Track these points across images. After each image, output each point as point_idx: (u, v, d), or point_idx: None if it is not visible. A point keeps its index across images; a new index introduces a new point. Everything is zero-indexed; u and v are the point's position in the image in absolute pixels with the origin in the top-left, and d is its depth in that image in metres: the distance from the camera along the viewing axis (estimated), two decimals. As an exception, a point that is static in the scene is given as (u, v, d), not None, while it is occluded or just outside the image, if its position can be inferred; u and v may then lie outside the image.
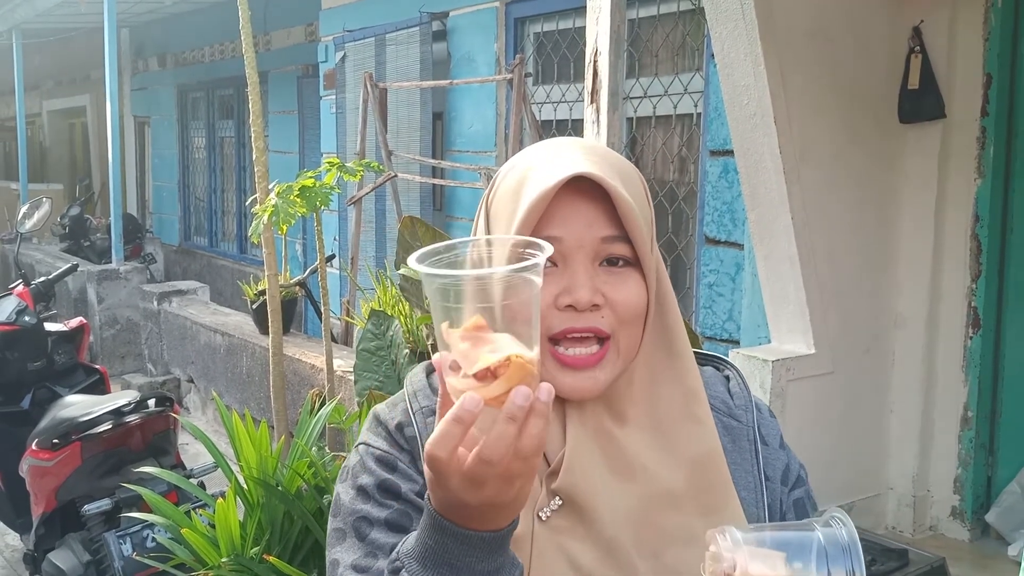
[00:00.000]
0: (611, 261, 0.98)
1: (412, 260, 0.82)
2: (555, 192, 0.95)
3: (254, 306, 5.70)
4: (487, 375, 0.78)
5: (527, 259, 0.82)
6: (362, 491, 1.01)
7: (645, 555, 0.97)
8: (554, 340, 0.97)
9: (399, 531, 0.97)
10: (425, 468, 0.83)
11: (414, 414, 1.04)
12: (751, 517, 1.03)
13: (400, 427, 1.03)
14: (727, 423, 1.07)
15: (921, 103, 3.48)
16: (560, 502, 0.97)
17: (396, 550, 0.90)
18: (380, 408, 1.08)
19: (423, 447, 0.97)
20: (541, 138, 5.08)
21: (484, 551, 0.86)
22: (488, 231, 1.01)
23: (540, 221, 0.96)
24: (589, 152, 1.00)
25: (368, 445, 1.04)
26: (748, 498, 1.04)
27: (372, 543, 0.98)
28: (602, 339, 0.97)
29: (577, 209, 0.96)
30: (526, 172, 0.99)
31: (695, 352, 1.10)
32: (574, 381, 0.97)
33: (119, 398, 3.72)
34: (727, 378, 1.12)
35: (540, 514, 0.97)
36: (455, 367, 0.80)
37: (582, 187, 0.96)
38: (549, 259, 0.94)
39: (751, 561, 0.82)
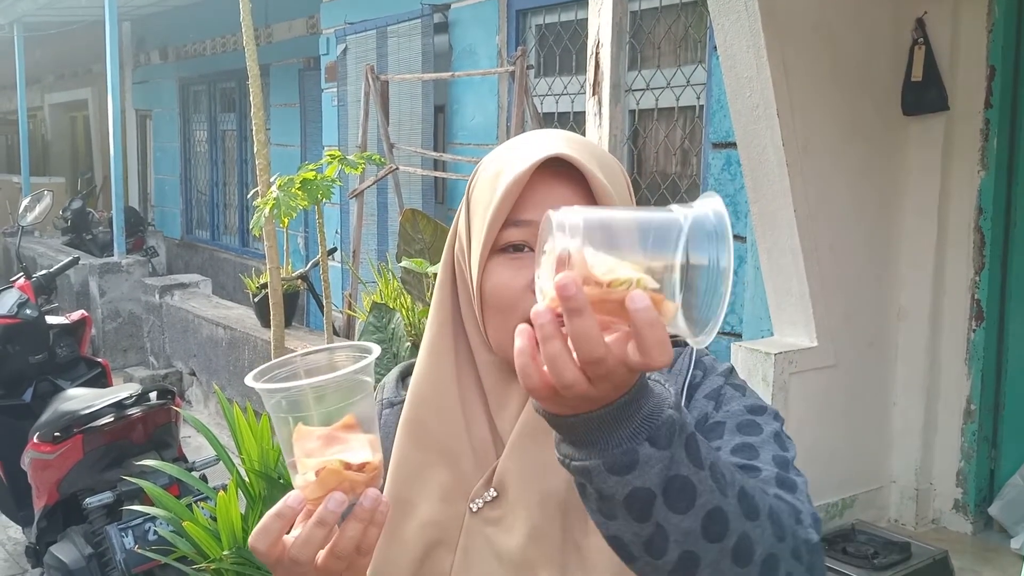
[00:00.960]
0: None
1: (249, 380, 0.87)
2: (530, 175, 0.94)
3: (256, 299, 5.70)
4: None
5: (360, 361, 0.87)
6: None
7: (570, 544, 0.96)
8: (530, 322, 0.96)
9: None
10: None
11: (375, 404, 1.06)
12: None
13: None
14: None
15: (924, 95, 3.47)
16: (495, 494, 0.97)
17: None
18: None
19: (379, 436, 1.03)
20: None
21: None
22: (468, 221, 1.01)
23: (517, 206, 0.95)
24: (569, 140, 0.99)
25: None
26: None
27: None
28: None
29: (554, 193, 0.95)
30: (504, 160, 0.99)
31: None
32: None
33: (121, 391, 3.72)
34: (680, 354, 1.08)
35: (471, 505, 0.98)
36: (292, 467, 0.84)
37: (560, 173, 0.95)
38: (526, 244, 0.96)
39: (594, 249, 0.69)
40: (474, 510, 0.97)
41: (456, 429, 0.99)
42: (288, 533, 0.84)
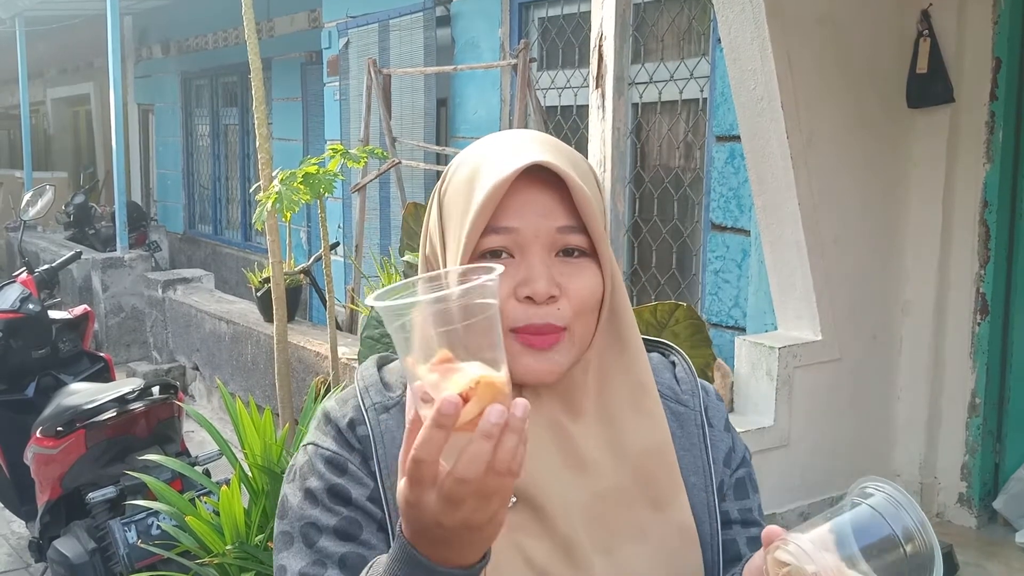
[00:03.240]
0: (567, 251, 0.97)
1: (370, 299, 0.82)
2: (510, 182, 0.93)
3: (259, 294, 5.70)
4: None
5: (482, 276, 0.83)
6: (310, 495, 0.98)
7: (599, 551, 0.97)
8: (515, 331, 0.96)
9: (348, 539, 0.96)
10: (401, 484, 0.80)
11: (366, 411, 1.01)
12: (700, 501, 1.04)
13: (352, 425, 1.01)
14: (675, 409, 1.07)
15: (930, 87, 3.45)
16: (515, 499, 0.96)
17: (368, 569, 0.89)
18: (330, 404, 1.05)
19: (376, 446, 0.98)
20: (546, 124, 5.06)
21: None
22: (441, 225, 1.00)
23: (496, 212, 0.95)
24: (543, 143, 0.99)
25: (317, 445, 1.01)
26: (698, 483, 1.05)
27: (320, 551, 0.95)
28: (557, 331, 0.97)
29: (533, 199, 0.96)
30: (479, 163, 0.98)
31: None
32: (535, 363, 0.96)
33: (123, 386, 3.72)
34: (673, 364, 1.12)
35: None
36: (427, 399, 0.79)
37: (537, 177, 0.95)
38: (506, 251, 0.96)
39: (843, 567, 0.80)
40: None
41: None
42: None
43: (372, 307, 0.83)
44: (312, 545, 0.96)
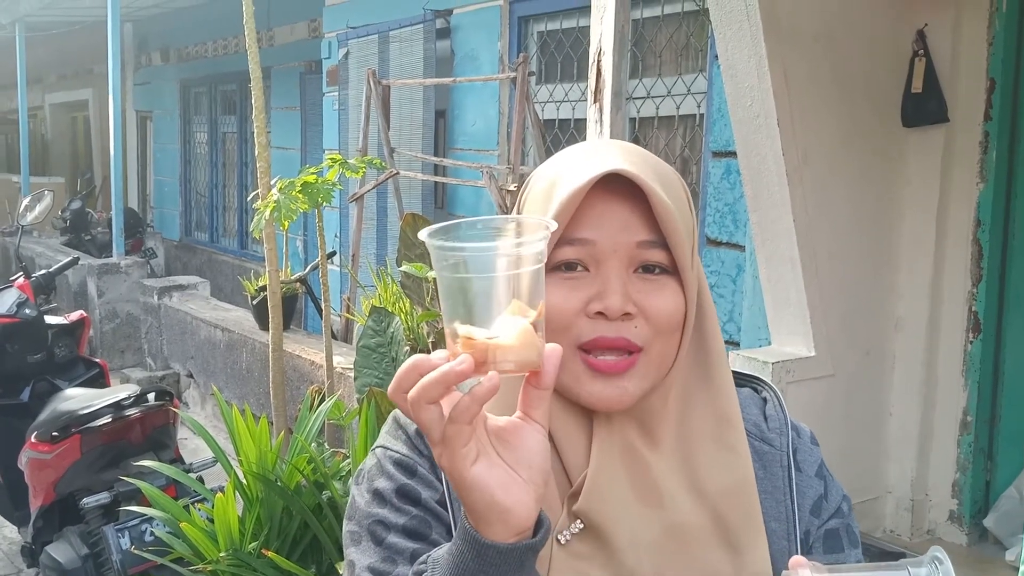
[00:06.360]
0: (647, 268, 0.92)
1: (423, 233, 0.81)
2: (587, 191, 0.90)
3: (254, 302, 5.70)
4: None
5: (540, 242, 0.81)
6: (378, 495, 0.97)
7: None
8: (584, 348, 0.92)
9: (418, 538, 0.94)
10: None
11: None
12: (781, 550, 0.98)
13: (420, 431, 0.98)
14: (759, 448, 1.01)
15: (924, 106, 3.48)
16: (581, 526, 0.93)
17: (428, 554, 0.87)
18: (400, 411, 1.04)
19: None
20: (544, 137, 5.09)
21: (501, 566, 0.81)
22: None
23: (572, 223, 0.91)
24: (627, 152, 0.95)
25: (386, 448, 1.00)
26: (779, 529, 0.99)
27: (390, 547, 0.93)
28: (633, 350, 0.92)
29: (612, 211, 0.91)
30: (559, 172, 0.94)
31: (732, 372, 1.04)
32: (602, 389, 0.92)
33: (119, 391, 3.73)
34: (764, 400, 1.06)
35: (559, 537, 0.93)
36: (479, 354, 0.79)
37: (618, 188, 0.91)
38: (581, 264, 0.92)
39: None
40: (562, 542, 0.92)
41: None
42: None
43: (424, 243, 0.80)
44: (381, 542, 0.94)
